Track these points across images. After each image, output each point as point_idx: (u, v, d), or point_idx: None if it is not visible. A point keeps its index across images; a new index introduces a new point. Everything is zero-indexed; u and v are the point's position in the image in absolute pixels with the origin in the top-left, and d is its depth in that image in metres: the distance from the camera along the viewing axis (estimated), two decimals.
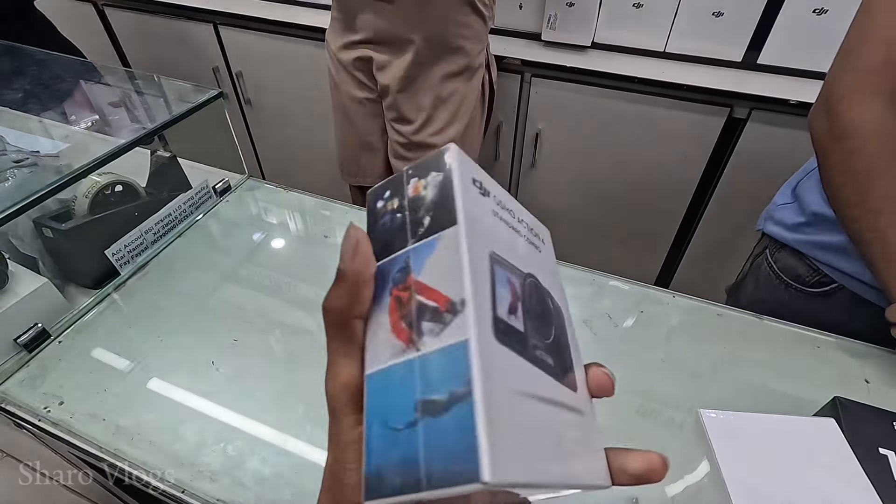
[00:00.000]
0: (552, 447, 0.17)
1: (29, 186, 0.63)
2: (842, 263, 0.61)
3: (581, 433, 0.19)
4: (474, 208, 0.19)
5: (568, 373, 0.20)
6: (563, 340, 0.21)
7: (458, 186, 0.19)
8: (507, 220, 0.21)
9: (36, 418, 0.53)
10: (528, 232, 0.22)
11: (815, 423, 0.35)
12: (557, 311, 0.22)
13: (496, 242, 0.19)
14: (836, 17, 1.04)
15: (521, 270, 0.20)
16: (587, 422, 0.20)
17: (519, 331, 0.18)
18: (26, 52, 0.99)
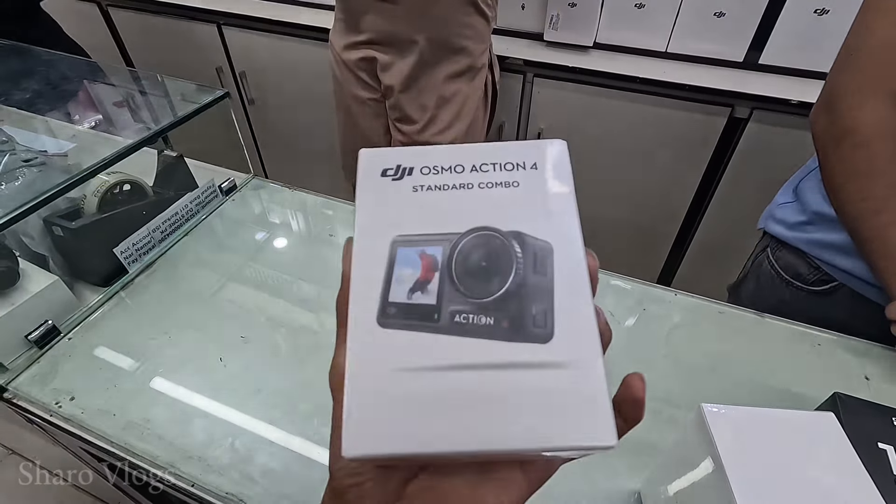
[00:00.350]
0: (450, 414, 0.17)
1: (38, 186, 0.64)
2: (842, 262, 0.62)
3: (554, 389, 0.17)
4: (376, 204, 0.21)
5: (525, 325, 0.18)
6: (530, 288, 0.19)
7: (358, 195, 0.21)
8: (444, 184, 0.21)
9: (48, 414, 0.53)
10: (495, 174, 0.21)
11: (815, 418, 0.35)
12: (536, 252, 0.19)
13: (410, 222, 0.20)
14: (838, 18, 1.05)
15: (457, 232, 0.20)
16: (571, 375, 0.17)
17: (425, 306, 0.19)
18: (33, 53, 0.99)
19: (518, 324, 0.18)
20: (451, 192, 0.21)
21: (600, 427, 0.17)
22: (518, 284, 0.19)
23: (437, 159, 0.22)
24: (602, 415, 0.17)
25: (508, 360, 0.18)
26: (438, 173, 0.21)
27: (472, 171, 0.21)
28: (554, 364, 0.18)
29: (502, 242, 0.20)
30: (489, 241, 0.20)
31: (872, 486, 0.32)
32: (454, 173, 0.21)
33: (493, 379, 0.17)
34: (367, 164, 0.22)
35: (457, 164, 0.21)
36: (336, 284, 0.21)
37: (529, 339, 0.18)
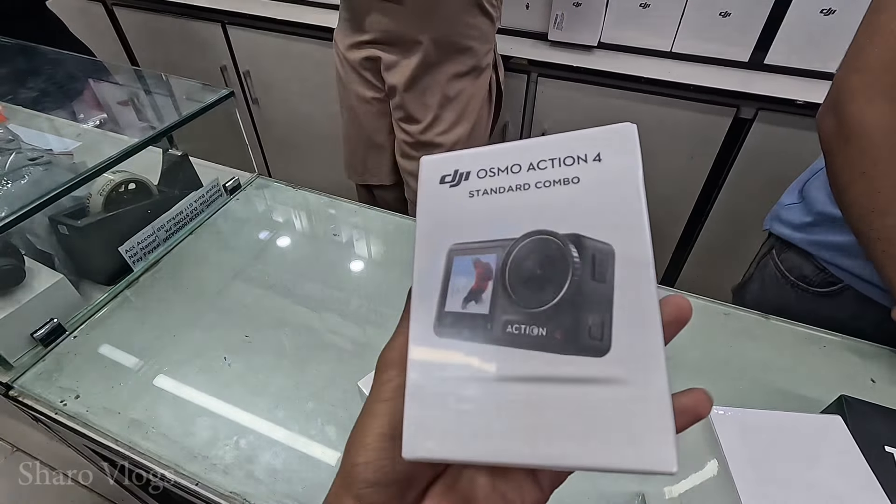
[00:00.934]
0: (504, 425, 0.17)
1: (44, 184, 0.65)
2: (848, 263, 0.61)
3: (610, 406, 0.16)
4: (435, 214, 0.20)
5: (580, 337, 0.17)
6: (587, 296, 0.17)
7: (419, 205, 0.21)
8: (500, 187, 0.20)
9: (53, 412, 0.54)
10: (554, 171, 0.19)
11: (822, 421, 0.35)
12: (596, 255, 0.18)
13: (466, 229, 0.20)
14: (844, 18, 1.04)
15: (513, 237, 0.19)
16: (629, 393, 0.16)
17: (479, 316, 0.18)
18: (39, 52, 1.00)
19: (572, 335, 0.17)
20: (508, 195, 0.20)
21: (661, 452, 0.15)
22: (574, 292, 0.18)
23: (493, 160, 0.21)
24: (664, 438, 0.15)
25: (560, 375, 0.17)
26: (495, 175, 0.20)
27: (529, 170, 0.20)
28: (611, 380, 0.16)
29: (558, 247, 0.18)
30: (544, 245, 0.18)
31: (880, 489, 0.32)
32: (510, 174, 0.20)
33: (545, 392, 0.17)
34: (427, 173, 0.21)
35: (514, 164, 0.20)
36: (340, 284, 0.21)
37: (583, 351, 0.17)
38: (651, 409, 0.16)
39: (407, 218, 0.78)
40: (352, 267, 0.71)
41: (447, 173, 0.21)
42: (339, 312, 0.64)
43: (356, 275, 0.70)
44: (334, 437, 0.51)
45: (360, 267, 0.71)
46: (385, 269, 0.71)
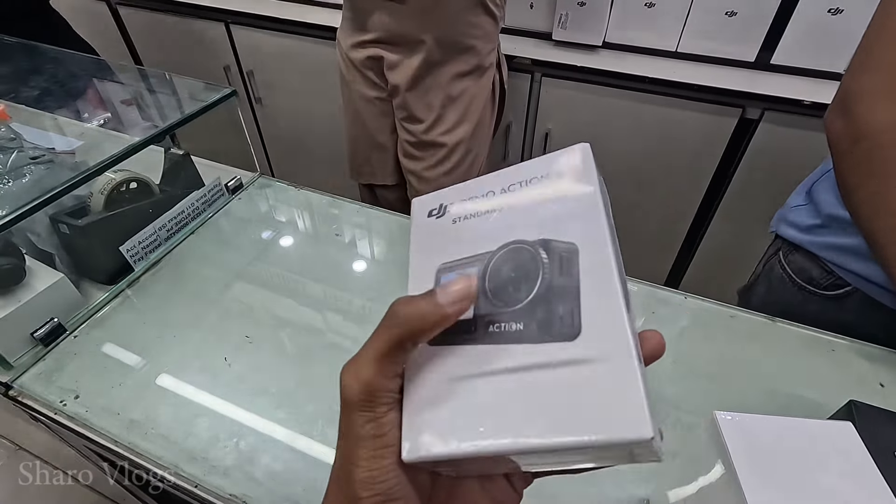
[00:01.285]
0: (492, 416, 0.18)
1: (45, 183, 0.64)
2: (856, 266, 0.61)
3: (585, 384, 0.17)
4: (424, 243, 0.23)
5: (552, 326, 0.19)
6: (556, 290, 0.19)
7: (412, 239, 0.24)
8: (478, 211, 0.23)
9: (52, 412, 0.53)
10: (523, 191, 0.22)
11: (833, 427, 0.34)
12: (562, 255, 0.20)
13: (451, 250, 0.22)
14: (852, 17, 1.03)
15: (490, 250, 0.21)
16: (601, 369, 0.17)
17: (463, 321, 0.20)
18: (42, 50, 1.00)
19: (545, 325, 0.19)
20: (485, 216, 0.22)
21: (636, 420, 0.16)
22: (545, 288, 0.20)
23: (471, 191, 0.23)
24: (634, 405, 0.16)
25: (537, 362, 0.18)
26: (473, 201, 0.23)
27: (502, 193, 0.22)
28: (583, 360, 0.18)
29: (530, 252, 0.20)
30: (518, 253, 0.21)
31: (892, 497, 0.31)
32: (486, 198, 0.23)
33: (528, 380, 0.18)
34: (417, 211, 0.25)
35: (488, 191, 0.23)
36: (343, 283, 0.21)
37: (557, 338, 0.18)
38: (622, 383, 0.17)
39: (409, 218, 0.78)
40: (354, 267, 0.71)
41: (433, 208, 0.24)
42: (341, 312, 0.63)
43: (358, 275, 0.70)
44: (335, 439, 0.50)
45: (362, 267, 0.71)
46: (387, 268, 0.71)
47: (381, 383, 0.20)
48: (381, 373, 0.20)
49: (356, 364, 0.20)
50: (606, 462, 0.19)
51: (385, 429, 0.20)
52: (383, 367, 0.20)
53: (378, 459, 0.20)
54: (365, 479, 0.20)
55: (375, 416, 0.20)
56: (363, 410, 0.20)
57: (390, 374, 0.20)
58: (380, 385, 0.20)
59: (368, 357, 0.20)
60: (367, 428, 0.20)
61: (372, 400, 0.20)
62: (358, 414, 0.20)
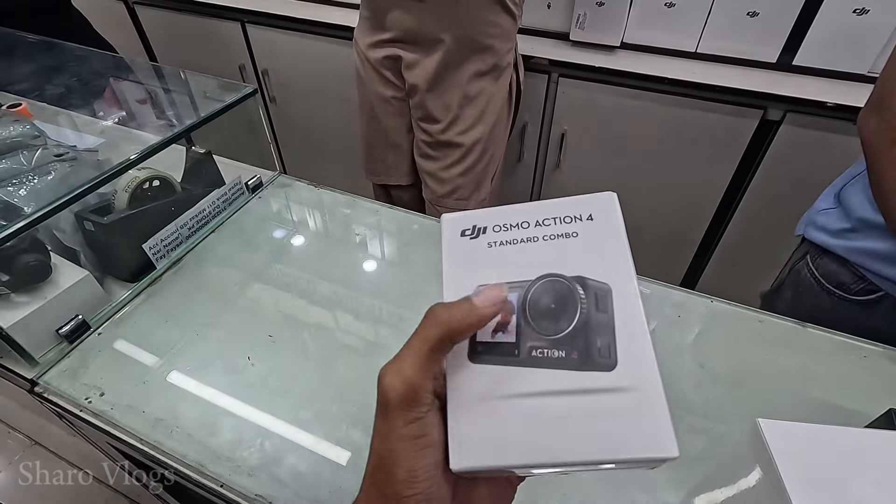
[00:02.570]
0: (537, 433, 0.20)
1: (70, 180, 0.65)
2: (889, 271, 0.59)
3: (621, 410, 0.20)
4: (459, 261, 0.25)
5: (592, 357, 0.21)
6: (593, 324, 0.22)
7: (445, 254, 0.25)
8: (514, 239, 0.25)
9: (78, 409, 0.53)
10: (556, 227, 0.25)
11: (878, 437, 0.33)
12: (597, 293, 0.22)
13: (488, 274, 0.24)
14: (878, 18, 1.01)
15: (528, 279, 0.23)
16: (635, 398, 0.20)
17: (507, 344, 0.22)
18: (64, 49, 1.00)
19: (586, 355, 0.21)
20: (521, 245, 0.24)
21: (662, 441, 0.19)
22: (584, 322, 0.22)
23: (506, 218, 0.25)
24: (663, 430, 0.19)
25: (580, 387, 0.21)
26: (508, 230, 0.25)
27: (536, 226, 0.25)
28: (620, 389, 0.20)
29: (567, 286, 0.23)
30: (556, 285, 0.23)
31: None
32: (521, 229, 0.25)
33: (569, 403, 0.21)
34: (449, 228, 0.26)
35: (523, 221, 0.25)
36: (364, 284, 0.22)
37: (596, 367, 0.21)
38: (652, 410, 0.20)
39: (428, 218, 0.77)
40: (376, 268, 0.70)
41: (466, 228, 0.26)
42: (364, 314, 0.63)
43: (381, 276, 0.69)
44: (360, 441, 0.50)
45: (384, 267, 0.70)
46: (409, 269, 0.70)
47: (423, 383, 0.21)
48: (423, 373, 0.21)
49: (397, 364, 0.21)
50: (622, 468, 0.21)
51: (427, 429, 0.21)
52: (425, 367, 0.21)
53: (420, 459, 0.21)
54: (407, 478, 0.20)
55: (418, 416, 0.21)
56: (406, 410, 0.21)
57: (431, 374, 0.21)
58: (422, 385, 0.21)
59: (410, 358, 0.21)
60: (409, 428, 0.21)
61: (415, 400, 0.21)
62: (400, 413, 0.21)
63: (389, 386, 0.21)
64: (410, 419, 0.21)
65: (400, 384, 0.21)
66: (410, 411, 0.21)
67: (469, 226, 0.26)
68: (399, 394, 0.21)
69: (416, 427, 0.21)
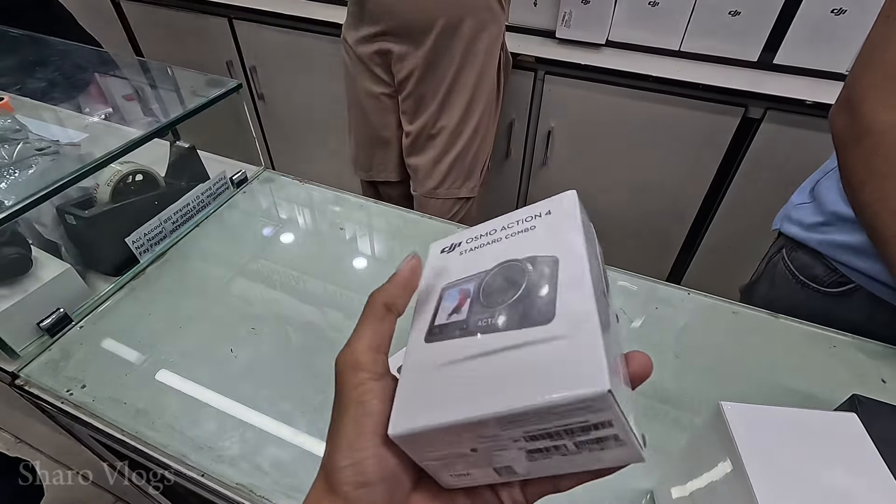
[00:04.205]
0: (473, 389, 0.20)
1: (51, 174, 0.64)
2: (860, 264, 0.61)
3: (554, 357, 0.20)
4: (432, 273, 0.27)
5: (532, 315, 0.22)
6: (535, 289, 0.22)
7: (424, 270, 0.27)
8: (480, 245, 0.27)
9: (59, 401, 0.53)
10: (518, 226, 0.26)
11: (837, 418, 0.35)
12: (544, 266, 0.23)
13: (455, 275, 0.26)
14: (855, 18, 1.03)
15: (485, 270, 0.25)
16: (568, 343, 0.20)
17: (458, 321, 0.23)
18: (47, 43, 1.00)
19: (525, 315, 0.22)
20: (486, 248, 0.26)
21: (594, 376, 0.18)
22: (528, 290, 0.23)
23: (479, 231, 0.27)
24: (596, 365, 0.18)
25: (519, 342, 0.21)
26: (478, 239, 0.27)
27: (501, 230, 0.27)
28: (555, 338, 0.20)
29: (519, 266, 0.24)
30: (509, 268, 0.24)
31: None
32: (488, 235, 0.27)
33: (509, 358, 0.21)
34: (433, 252, 0.28)
35: (492, 230, 0.27)
36: (346, 278, 0.22)
37: (535, 323, 0.21)
38: (585, 349, 0.19)
39: (414, 213, 0.78)
40: (359, 262, 0.71)
41: (445, 247, 0.28)
42: (345, 306, 0.64)
43: (362, 270, 0.70)
44: None
45: (367, 262, 0.71)
46: (392, 264, 0.71)
47: (361, 348, 0.22)
48: (362, 340, 0.22)
49: (346, 346, 0.23)
50: (591, 462, 0.21)
51: (366, 396, 0.21)
52: (363, 335, 0.22)
53: (357, 427, 0.20)
54: (342, 446, 0.20)
55: (358, 383, 0.21)
56: (347, 376, 0.22)
57: (370, 342, 0.22)
58: (360, 350, 0.22)
59: (353, 336, 0.23)
60: (350, 394, 0.21)
61: (354, 364, 0.22)
62: (343, 379, 0.22)
63: (337, 362, 0.22)
64: (352, 385, 0.21)
65: (343, 354, 0.22)
66: (351, 377, 0.21)
67: (447, 244, 0.28)
68: (341, 361, 0.22)
69: (356, 392, 0.21)
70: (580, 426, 0.19)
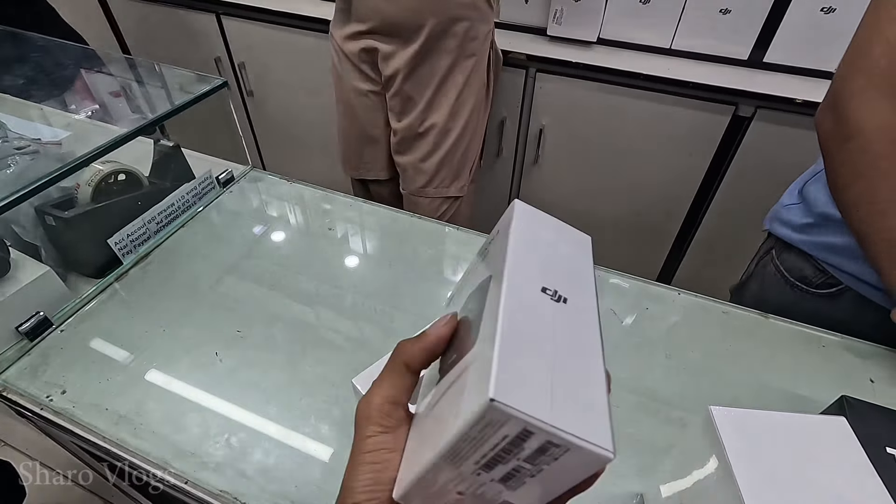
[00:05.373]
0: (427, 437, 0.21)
1: (31, 174, 0.63)
2: (848, 265, 0.61)
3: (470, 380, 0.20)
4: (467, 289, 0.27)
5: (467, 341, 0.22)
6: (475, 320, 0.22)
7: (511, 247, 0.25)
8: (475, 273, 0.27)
9: (38, 407, 0.52)
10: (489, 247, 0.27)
11: (826, 422, 0.35)
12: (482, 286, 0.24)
13: None
14: (844, 16, 1.04)
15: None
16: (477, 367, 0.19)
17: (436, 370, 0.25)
18: (29, 39, 0.97)
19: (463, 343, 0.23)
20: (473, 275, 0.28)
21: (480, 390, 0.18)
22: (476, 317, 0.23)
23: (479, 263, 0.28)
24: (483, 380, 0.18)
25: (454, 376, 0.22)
26: (484, 259, 0.28)
27: (479, 254, 0.29)
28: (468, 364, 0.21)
29: (477, 292, 0.25)
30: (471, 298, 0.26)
31: (885, 492, 0.31)
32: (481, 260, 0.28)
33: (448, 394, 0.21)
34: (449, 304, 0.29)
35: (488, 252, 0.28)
36: (335, 279, 0.22)
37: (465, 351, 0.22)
38: (482, 370, 0.18)
39: (402, 212, 0.77)
40: (347, 262, 0.70)
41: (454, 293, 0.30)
42: (334, 308, 0.63)
43: (351, 270, 0.69)
44: (328, 435, 0.50)
45: (355, 262, 0.70)
46: (380, 264, 0.70)
47: (378, 409, 0.23)
48: (381, 397, 0.23)
49: (366, 395, 0.24)
50: (567, 475, 0.20)
51: (374, 447, 0.23)
52: (382, 390, 0.23)
53: (361, 473, 0.22)
54: (352, 487, 0.22)
55: (369, 434, 0.23)
56: (361, 426, 0.23)
57: (386, 396, 0.23)
58: (376, 412, 0.23)
59: (373, 385, 0.24)
60: (363, 443, 0.23)
61: (367, 417, 0.23)
62: (358, 427, 0.23)
63: (357, 407, 0.24)
64: (362, 437, 0.23)
65: (361, 403, 0.24)
66: (364, 429, 0.23)
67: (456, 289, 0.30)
68: (358, 411, 0.24)
69: (366, 444, 0.22)
70: (508, 444, 0.18)
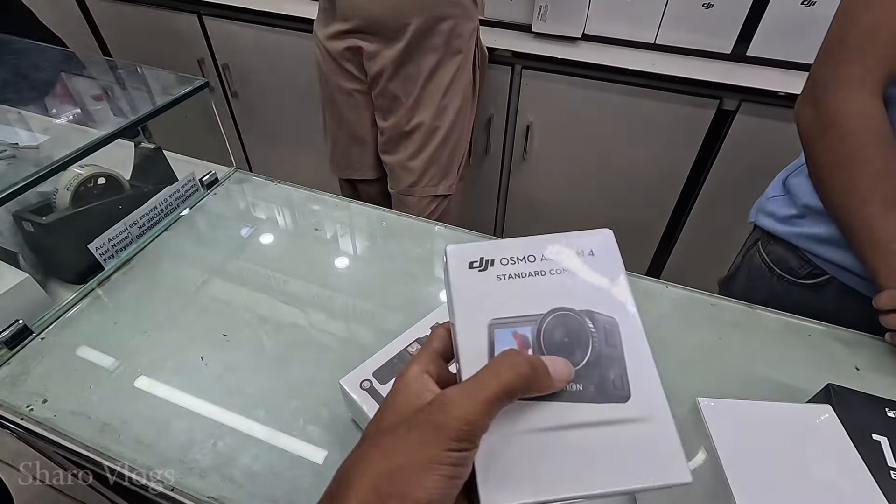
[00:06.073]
0: (563, 466, 0.22)
1: (7, 178, 0.61)
2: (833, 255, 0.62)
3: (638, 440, 0.22)
4: (469, 294, 0.25)
5: (607, 389, 0.23)
6: (605, 357, 0.23)
7: (454, 286, 0.26)
8: (521, 273, 0.26)
9: (18, 417, 0.51)
10: (562, 260, 0.26)
11: (812, 410, 0.35)
12: (606, 327, 0.24)
13: (500, 307, 0.25)
14: (824, 9, 1.05)
15: (540, 313, 0.24)
16: (649, 428, 0.22)
17: None
18: (4, 41, 0.95)
19: (601, 388, 0.23)
20: (529, 279, 0.25)
21: (677, 469, 0.21)
22: (597, 355, 0.24)
23: (512, 251, 0.26)
24: (677, 458, 0.21)
25: (599, 419, 0.22)
26: (515, 263, 0.26)
27: (542, 260, 0.26)
28: (634, 419, 0.22)
29: (577, 320, 0.24)
30: (566, 319, 0.24)
31: (871, 478, 0.31)
32: (528, 262, 0.26)
33: (589, 435, 0.22)
34: (455, 259, 0.26)
35: (529, 255, 0.26)
36: (322, 280, 0.21)
37: (612, 399, 0.23)
38: (665, 439, 0.22)
39: (391, 212, 0.77)
40: (334, 263, 0.69)
41: (474, 260, 0.26)
42: (321, 309, 0.62)
43: (339, 271, 0.68)
44: (317, 438, 0.49)
45: (343, 263, 0.70)
46: (369, 264, 0.69)
47: (482, 425, 0.21)
48: (486, 415, 0.21)
49: (466, 395, 0.21)
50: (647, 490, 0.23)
51: (466, 468, 0.21)
52: (489, 411, 0.21)
53: (447, 490, 0.21)
54: (424, 501, 0.20)
55: (464, 454, 0.21)
56: (457, 442, 0.21)
57: (490, 418, 0.21)
58: (482, 426, 0.21)
59: (480, 396, 0.21)
60: (452, 457, 0.21)
61: (469, 439, 0.21)
62: (450, 442, 0.21)
63: (451, 414, 0.21)
64: (458, 450, 0.21)
65: (460, 415, 0.21)
66: (460, 444, 0.21)
67: (476, 258, 0.26)
68: (457, 424, 0.21)
69: (458, 457, 0.21)
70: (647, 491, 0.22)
